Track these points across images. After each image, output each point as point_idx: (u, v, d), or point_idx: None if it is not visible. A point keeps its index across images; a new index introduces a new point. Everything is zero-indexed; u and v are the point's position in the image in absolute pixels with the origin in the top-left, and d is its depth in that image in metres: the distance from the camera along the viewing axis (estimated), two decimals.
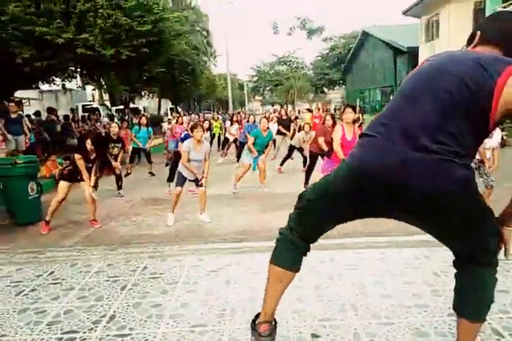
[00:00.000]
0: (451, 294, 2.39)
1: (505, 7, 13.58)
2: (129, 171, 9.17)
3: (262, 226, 4.35)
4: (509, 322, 2.07)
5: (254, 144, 6.77)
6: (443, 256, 3.01)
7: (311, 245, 1.86)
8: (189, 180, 5.09)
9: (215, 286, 2.69)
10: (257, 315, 1.87)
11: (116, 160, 6.89)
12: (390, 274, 2.75)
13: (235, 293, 2.58)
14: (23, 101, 13.21)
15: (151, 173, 9.01)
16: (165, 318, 2.31)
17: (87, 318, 2.35)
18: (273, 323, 1.85)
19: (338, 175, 1.61)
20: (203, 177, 5.03)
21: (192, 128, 5.15)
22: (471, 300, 1.62)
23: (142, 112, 22.72)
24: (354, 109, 5.10)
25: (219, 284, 2.71)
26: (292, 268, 1.81)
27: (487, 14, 14.26)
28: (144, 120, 9.54)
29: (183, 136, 6.84)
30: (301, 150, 8.61)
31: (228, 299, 2.49)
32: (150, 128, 9.47)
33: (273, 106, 44.69)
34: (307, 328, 2.12)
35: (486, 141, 4.69)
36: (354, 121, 5.39)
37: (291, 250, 1.80)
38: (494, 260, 1.62)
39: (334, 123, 5.85)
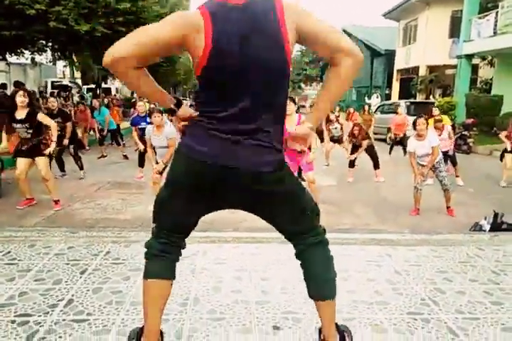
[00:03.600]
0: (411, 292, 2.46)
1: (481, 17, 14.00)
2: (103, 154, 8.95)
3: (231, 217, 4.33)
4: (464, 322, 2.14)
5: None
6: (405, 256, 3.09)
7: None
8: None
9: (179, 275, 2.61)
10: (140, 330, 1.76)
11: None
12: (354, 270, 2.79)
13: (199, 282, 2.55)
14: None
15: (125, 156, 8.80)
16: (125, 305, 2.25)
17: (43, 301, 2.26)
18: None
19: None
20: (158, 162, 4.76)
21: (150, 114, 5.01)
22: (327, 279, 1.74)
23: (114, 93, 22.09)
24: (294, 101, 5.09)
25: (184, 273, 2.66)
26: (171, 277, 1.73)
27: (463, 22, 14.67)
28: (95, 102, 9.69)
29: (148, 120, 6.62)
30: None
31: (192, 288, 2.46)
32: (104, 108, 9.43)
33: None
34: (269, 320, 2.12)
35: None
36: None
37: (163, 260, 1.71)
38: (324, 236, 1.77)
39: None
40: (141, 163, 6.68)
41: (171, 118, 5.54)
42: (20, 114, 4.54)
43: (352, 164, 7.19)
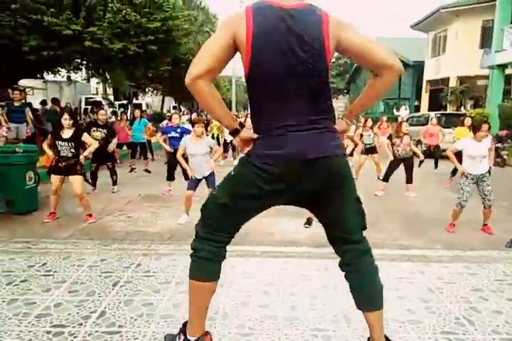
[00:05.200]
0: (445, 311, 2.39)
1: None
2: (133, 166, 9.16)
3: (260, 231, 4.33)
4: None
5: None
6: (438, 273, 3.01)
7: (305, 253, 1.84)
8: (203, 178, 4.98)
9: None
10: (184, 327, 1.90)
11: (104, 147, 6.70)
12: (385, 288, 2.73)
13: (228, 296, 2.56)
14: (27, 90, 13.16)
15: (147, 170, 8.96)
16: (156, 317, 2.29)
17: (77, 313, 2.32)
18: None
19: None
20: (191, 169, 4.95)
21: (193, 124, 5.17)
22: (377, 290, 1.80)
23: (144, 108, 22.71)
24: None
25: None
26: (218, 278, 1.83)
27: (495, 32, 14.38)
28: (137, 112, 9.70)
29: (179, 130, 6.79)
30: None
31: (221, 302, 2.47)
32: (144, 119, 9.59)
33: None
34: (298, 337, 2.10)
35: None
36: None
37: (214, 262, 1.80)
38: (369, 244, 1.85)
39: None
40: (170, 177, 6.80)
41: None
42: (67, 133, 4.87)
43: (387, 177, 7.03)
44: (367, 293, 1.79)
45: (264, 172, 1.62)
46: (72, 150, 4.85)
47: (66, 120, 4.83)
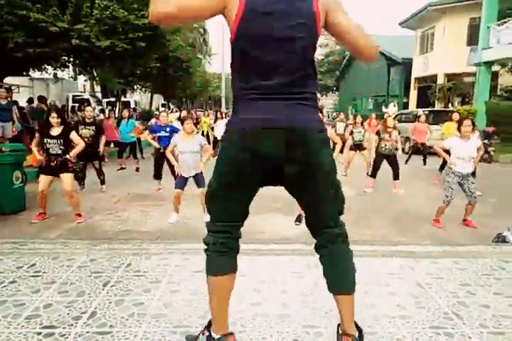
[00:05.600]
0: (434, 306, 2.42)
1: (499, 25, 13.85)
2: (123, 166, 9.09)
3: (250, 229, 4.34)
4: (489, 337, 2.09)
5: None
6: (428, 268, 3.05)
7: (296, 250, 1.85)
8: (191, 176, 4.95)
9: (199, 287, 2.66)
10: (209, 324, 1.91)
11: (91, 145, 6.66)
12: (375, 283, 2.76)
13: None
14: (13, 87, 12.96)
15: (137, 169, 8.90)
16: (147, 317, 2.28)
17: (68, 314, 2.30)
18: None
19: None
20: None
21: (182, 121, 5.15)
22: (344, 273, 1.82)
23: (133, 106, 22.53)
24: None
25: (204, 285, 2.67)
26: (235, 270, 1.88)
27: (481, 29, 14.53)
28: (125, 113, 9.50)
29: (168, 129, 6.71)
30: None
31: None
32: (132, 120, 9.45)
33: None
34: (290, 334, 2.12)
35: None
36: None
37: (227, 255, 1.83)
38: (345, 228, 1.85)
39: None
40: (158, 175, 6.76)
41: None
42: (55, 130, 4.82)
43: (375, 173, 7.09)
44: (337, 276, 1.82)
45: (243, 142, 1.63)
46: (62, 147, 4.79)
47: (54, 118, 4.78)
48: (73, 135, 4.96)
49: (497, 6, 14.31)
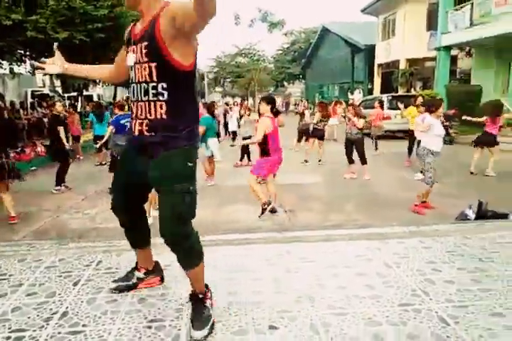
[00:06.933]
0: (402, 285, 2.51)
1: (457, 9, 14.22)
2: (102, 162, 8.82)
3: (221, 220, 4.35)
4: (454, 311, 2.20)
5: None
6: (395, 248, 3.15)
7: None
8: None
9: (171, 280, 2.66)
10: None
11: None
12: (344, 266, 2.83)
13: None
14: None
15: (101, 164, 8.71)
16: (121, 314, 2.25)
17: (38, 316, 2.25)
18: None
19: None
20: None
21: None
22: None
23: (96, 100, 21.87)
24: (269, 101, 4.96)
25: (175, 278, 2.68)
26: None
27: (440, 15, 14.89)
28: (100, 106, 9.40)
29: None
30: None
31: (185, 293, 2.47)
32: (107, 113, 9.28)
33: (233, 97, 44.37)
34: (265, 320, 2.15)
35: None
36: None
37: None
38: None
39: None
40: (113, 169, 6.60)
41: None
42: None
43: (351, 159, 7.20)
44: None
45: None
46: None
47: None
48: None
49: None
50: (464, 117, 7.77)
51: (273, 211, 4.88)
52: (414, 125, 6.63)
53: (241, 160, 8.82)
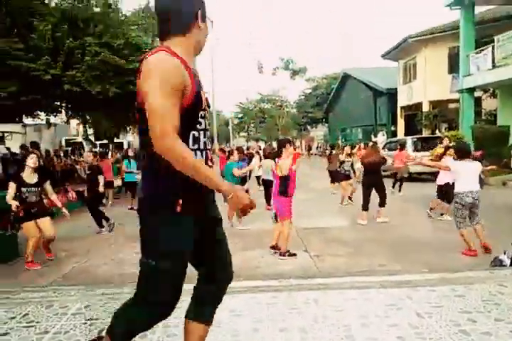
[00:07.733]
0: (435, 336, 2.39)
1: (477, 52, 14.44)
2: (134, 207, 9.01)
3: (245, 265, 4.30)
4: None
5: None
6: (426, 297, 3.01)
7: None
8: None
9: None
10: None
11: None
12: (374, 316, 2.72)
13: (216, 337, 2.50)
14: (5, 134, 13.08)
15: (132, 208, 8.87)
16: None
17: None
18: None
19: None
20: None
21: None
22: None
23: (126, 147, 22.71)
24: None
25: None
26: None
27: (461, 58, 15.13)
28: (130, 152, 9.83)
29: None
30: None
31: None
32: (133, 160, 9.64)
33: (257, 141, 45.22)
34: None
35: None
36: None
37: None
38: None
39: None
40: None
41: None
42: (31, 178, 4.80)
43: (366, 206, 7.03)
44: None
45: None
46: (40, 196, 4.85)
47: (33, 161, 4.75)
48: (47, 184, 4.97)
49: (473, 36, 15.00)
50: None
51: (293, 254, 4.85)
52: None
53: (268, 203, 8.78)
